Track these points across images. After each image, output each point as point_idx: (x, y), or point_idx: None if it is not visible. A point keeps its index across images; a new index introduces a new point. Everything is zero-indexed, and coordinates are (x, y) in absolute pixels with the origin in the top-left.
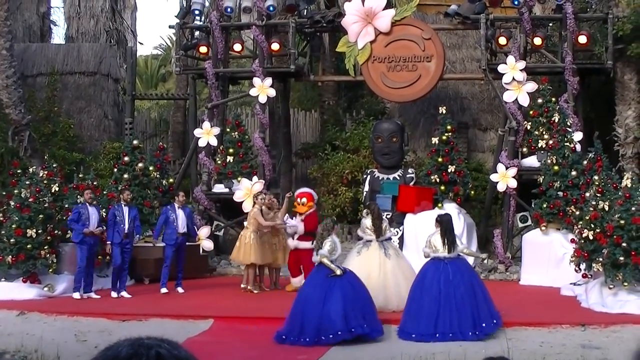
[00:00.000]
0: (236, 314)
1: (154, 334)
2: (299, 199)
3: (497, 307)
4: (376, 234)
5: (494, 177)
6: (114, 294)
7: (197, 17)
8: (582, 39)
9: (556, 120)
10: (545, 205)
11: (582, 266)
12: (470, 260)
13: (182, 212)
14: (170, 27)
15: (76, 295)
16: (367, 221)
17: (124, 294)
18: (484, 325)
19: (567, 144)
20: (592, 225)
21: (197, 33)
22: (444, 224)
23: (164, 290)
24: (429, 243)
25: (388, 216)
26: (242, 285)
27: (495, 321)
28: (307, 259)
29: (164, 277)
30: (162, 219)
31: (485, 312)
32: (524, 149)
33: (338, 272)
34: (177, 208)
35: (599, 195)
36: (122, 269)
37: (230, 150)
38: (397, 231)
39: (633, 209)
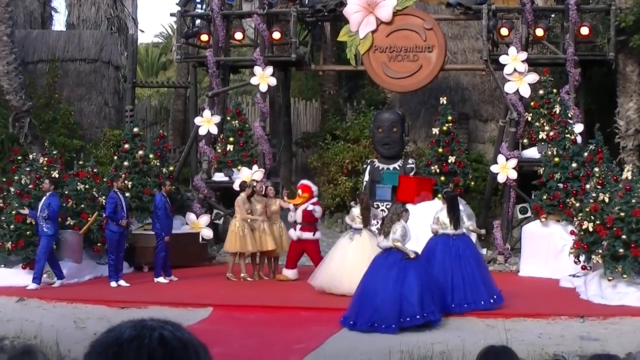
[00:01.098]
0: (235, 303)
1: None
2: (298, 191)
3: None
4: (364, 223)
5: (494, 168)
6: (113, 284)
7: (199, 5)
8: (584, 31)
9: (557, 111)
10: (545, 197)
11: (582, 258)
12: (473, 237)
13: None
14: (171, 14)
15: (32, 286)
16: (356, 210)
17: (122, 282)
18: (495, 297)
19: (568, 135)
20: (592, 217)
21: (198, 21)
22: (450, 201)
23: (161, 279)
24: (437, 220)
25: (388, 206)
26: (242, 275)
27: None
28: (312, 248)
29: (159, 266)
30: (162, 210)
31: (494, 285)
32: (525, 141)
33: (412, 255)
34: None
35: (599, 187)
36: (119, 257)
37: (231, 139)
38: None
39: (633, 201)
